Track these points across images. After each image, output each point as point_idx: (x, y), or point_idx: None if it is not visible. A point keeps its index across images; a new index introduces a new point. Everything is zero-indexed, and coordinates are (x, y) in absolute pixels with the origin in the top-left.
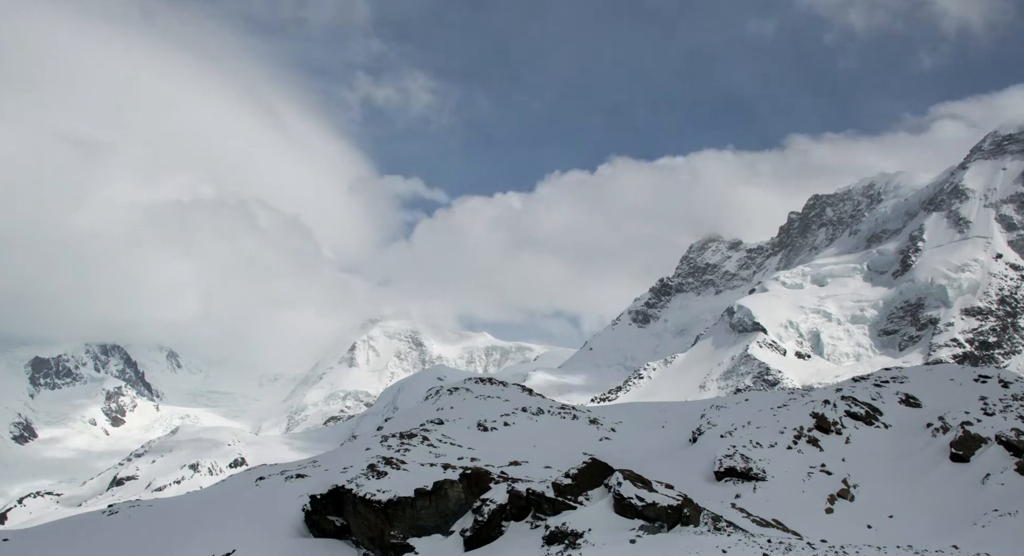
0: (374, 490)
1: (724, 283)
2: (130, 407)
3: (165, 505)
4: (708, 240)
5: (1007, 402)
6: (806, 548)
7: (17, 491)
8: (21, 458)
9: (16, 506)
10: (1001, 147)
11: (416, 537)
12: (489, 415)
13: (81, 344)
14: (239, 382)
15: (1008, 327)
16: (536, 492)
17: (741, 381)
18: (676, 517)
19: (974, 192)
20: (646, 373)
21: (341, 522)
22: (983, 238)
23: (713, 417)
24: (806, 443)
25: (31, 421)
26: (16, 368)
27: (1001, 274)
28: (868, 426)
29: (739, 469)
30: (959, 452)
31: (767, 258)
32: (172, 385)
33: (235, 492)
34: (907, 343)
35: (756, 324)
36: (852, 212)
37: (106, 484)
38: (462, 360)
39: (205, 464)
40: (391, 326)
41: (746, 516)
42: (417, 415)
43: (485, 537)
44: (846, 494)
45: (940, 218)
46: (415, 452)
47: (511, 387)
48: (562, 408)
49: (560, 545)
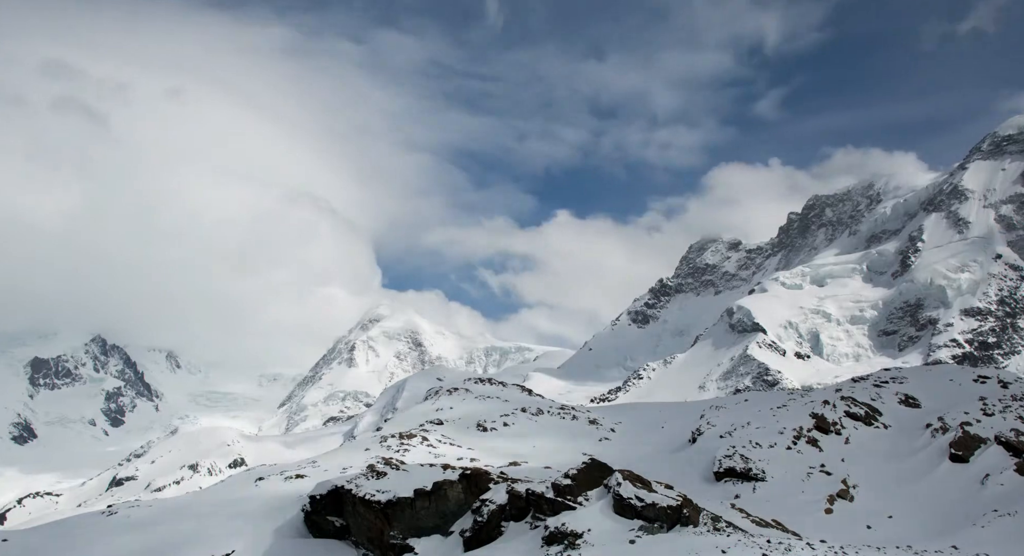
0: (373, 490)
1: (724, 283)
2: (129, 407)
3: (164, 505)
4: (707, 240)
5: (1006, 402)
6: (805, 548)
7: (17, 491)
8: (20, 458)
9: (16, 506)
10: (1000, 147)
11: (415, 537)
12: (489, 415)
13: (81, 344)
14: (239, 382)
15: (1007, 327)
16: (535, 492)
17: (741, 381)
18: (676, 517)
19: (973, 192)
20: (645, 373)
21: (340, 522)
22: (982, 239)
23: (713, 417)
24: (805, 443)
25: (31, 421)
26: (16, 368)
27: (1000, 274)
28: (867, 426)
29: (738, 469)
30: (958, 452)
31: (767, 258)
32: (172, 385)
33: (235, 492)
34: (906, 343)
35: (756, 324)
36: (851, 212)
37: (105, 484)
38: (462, 360)
39: (205, 464)
40: (391, 326)
41: (745, 516)
42: (417, 415)
43: (484, 537)
44: (845, 494)
45: (939, 218)
46: (415, 452)
47: (511, 387)
48: (562, 408)
49: (559, 545)
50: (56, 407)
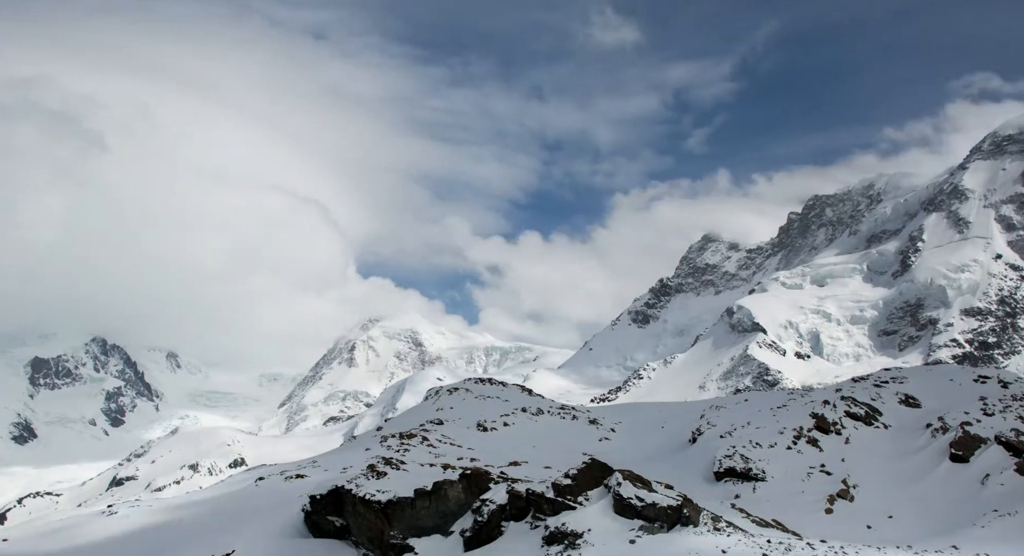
0: (374, 490)
1: (724, 283)
2: (129, 407)
3: (165, 505)
4: (708, 240)
5: (1007, 402)
6: (805, 548)
7: (17, 491)
8: (21, 458)
9: (16, 506)
10: (1001, 147)
11: (416, 537)
12: (489, 415)
13: (81, 344)
14: (239, 382)
15: (1007, 327)
16: (536, 492)
17: (741, 381)
18: (676, 517)
19: (974, 192)
20: (646, 373)
21: (341, 522)
22: (983, 238)
23: (713, 417)
24: (806, 443)
25: (31, 421)
26: (16, 368)
27: (1001, 274)
28: (868, 426)
29: (739, 469)
30: (959, 452)
31: (767, 258)
32: (172, 385)
33: (235, 492)
34: (907, 343)
35: (756, 324)
36: (852, 212)
37: (106, 484)
38: (462, 360)
39: (205, 464)
40: (391, 326)
41: (746, 516)
42: (417, 415)
43: (485, 537)
44: (846, 494)
45: (940, 218)
46: (415, 452)
47: (511, 387)
48: (562, 408)
49: (560, 545)
50: (56, 407)
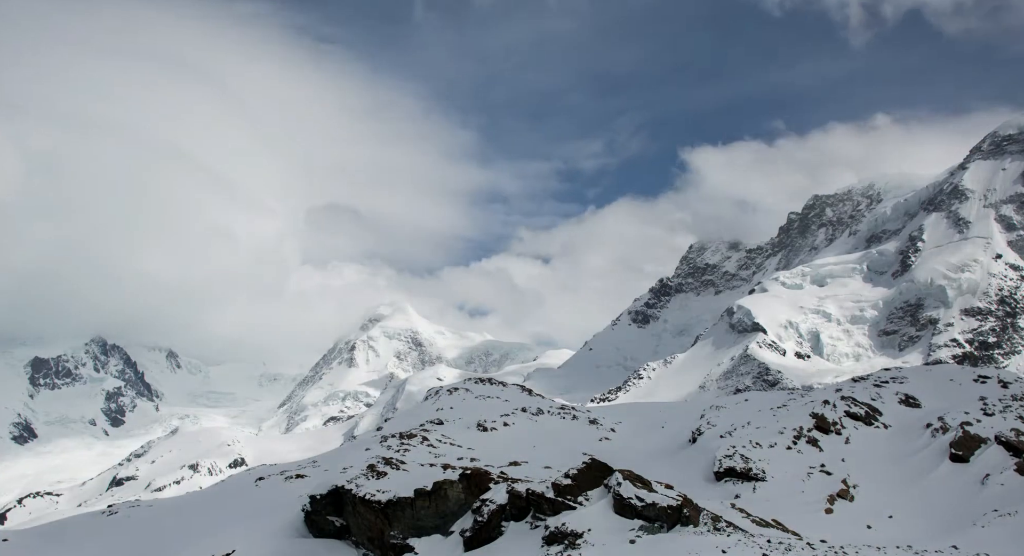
0: (374, 490)
1: (724, 283)
2: (129, 407)
3: (165, 505)
4: (708, 240)
5: (1007, 402)
6: (806, 548)
7: (17, 491)
8: (21, 458)
9: (16, 506)
10: (1001, 147)
11: (416, 537)
12: (489, 415)
13: (81, 344)
14: (239, 382)
15: (1008, 327)
16: (536, 492)
17: (741, 381)
18: (676, 517)
19: (974, 192)
20: (646, 373)
21: (341, 522)
22: (983, 238)
23: (713, 417)
24: (806, 443)
25: (31, 421)
26: (16, 368)
27: (1001, 274)
28: (868, 426)
29: (739, 469)
30: (959, 452)
31: (767, 258)
32: (172, 385)
33: (235, 492)
34: (907, 343)
35: (756, 324)
36: (852, 212)
37: (106, 484)
38: (462, 360)
39: (205, 464)
40: (391, 326)
41: (746, 516)
42: (417, 415)
43: (485, 537)
44: (846, 494)
45: (940, 218)
46: (415, 452)
47: (511, 387)
48: (562, 408)
49: (560, 545)
50: (56, 407)
